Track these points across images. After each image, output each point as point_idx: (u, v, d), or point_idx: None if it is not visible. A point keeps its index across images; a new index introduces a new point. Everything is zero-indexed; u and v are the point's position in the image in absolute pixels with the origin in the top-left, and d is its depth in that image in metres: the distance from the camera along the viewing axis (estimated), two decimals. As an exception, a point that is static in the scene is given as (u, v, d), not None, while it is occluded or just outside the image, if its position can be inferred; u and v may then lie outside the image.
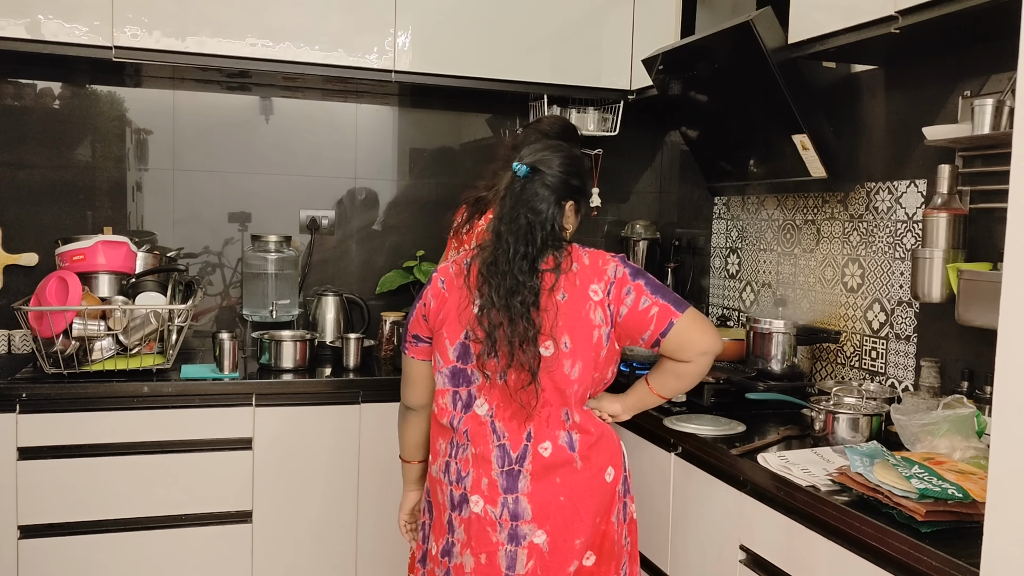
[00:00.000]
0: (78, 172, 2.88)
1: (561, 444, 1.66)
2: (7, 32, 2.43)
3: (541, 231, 1.66)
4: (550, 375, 1.63)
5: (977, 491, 1.39)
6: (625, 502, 1.76)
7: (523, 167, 1.70)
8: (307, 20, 2.68)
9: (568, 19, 2.94)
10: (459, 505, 1.68)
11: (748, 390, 2.23)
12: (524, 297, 1.61)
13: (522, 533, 1.64)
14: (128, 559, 2.41)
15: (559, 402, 1.65)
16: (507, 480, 1.65)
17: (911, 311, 2.17)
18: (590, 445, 1.68)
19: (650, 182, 3.47)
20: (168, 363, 2.55)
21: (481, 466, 1.66)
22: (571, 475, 1.66)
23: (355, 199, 3.18)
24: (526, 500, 1.64)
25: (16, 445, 2.30)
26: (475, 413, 1.68)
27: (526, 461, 1.65)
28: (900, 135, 2.21)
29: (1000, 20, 1.67)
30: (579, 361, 1.64)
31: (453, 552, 1.70)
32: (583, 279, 1.67)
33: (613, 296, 1.66)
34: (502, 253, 1.64)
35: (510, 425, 1.66)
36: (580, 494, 1.66)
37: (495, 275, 1.63)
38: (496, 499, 1.65)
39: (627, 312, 1.66)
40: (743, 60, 2.23)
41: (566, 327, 1.63)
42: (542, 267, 1.65)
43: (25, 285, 2.77)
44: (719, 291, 3.04)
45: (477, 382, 1.68)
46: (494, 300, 1.62)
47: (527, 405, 1.63)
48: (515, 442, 1.65)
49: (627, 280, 1.67)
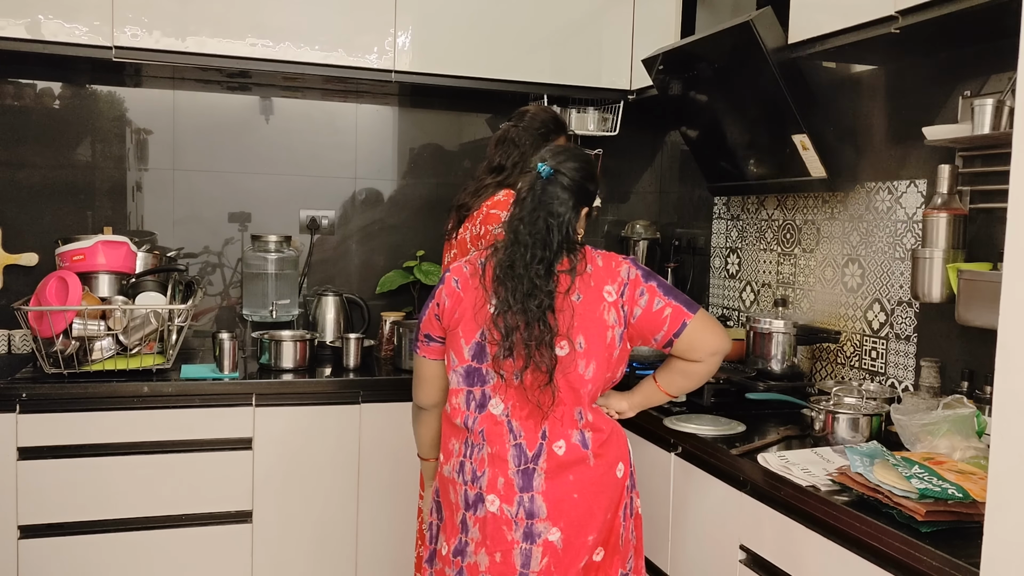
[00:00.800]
0: (78, 172, 2.88)
1: (575, 443, 1.67)
2: (7, 32, 2.43)
3: (558, 234, 1.67)
4: (565, 375, 1.64)
5: (977, 491, 1.39)
6: (632, 497, 1.78)
7: (547, 168, 1.71)
8: (307, 20, 2.68)
9: (568, 19, 2.94)
10: (474, 504, 1.69)
11: (748, 390, 2.23)
12: (540, 301, 1.62)
13: (537, 531, 1.65)
14: (128, 559, 2.41)
15: (573, 401, 1.67)
16: (523, 479, 1.66)
17: (911, 311, 2.17)
18: (602, 442, 1.69)
19: (650, 182, 3.47)
20: (168, 363, 2.55)
21: (497, 465, 1.67)
22: (584, 472, 1.67)
23: (355, 199, 3.18)
24: (541, 498, 1.66)
25: (16, 445, 2.30)
26: (490, 413, 1.68)
27: (541, 459, 1.66)
28: (900, 135, 2.21)
29: (1000, 20, 1.67)
30: (593, 361, 1.65)
31: (467, 551, 1.70)
32: (597, 280, 1.68)
33: (627, 297, 1.68)
34: (519, 256, 1.66)
35: (526, 424, 1.67)
36: (593, 490, 1.68)
37: (511, 278, 1.65)
38: (512, 498, 1.66)
39: (641, 313, 1.68)
40: (743, 60, 2.23)
41: (581, 328, 1.65)
42: (557, 269, 1.66)
43: (25, 285, 2.77)
44: (719, 291, 3.04)
45: (492, 382, 1.68)
46: (510, 302, 1.63)
47: (544, 405, 1.65)
48: (531, 441, 1.66)
49: (640, 282, 1.69)
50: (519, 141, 2.38)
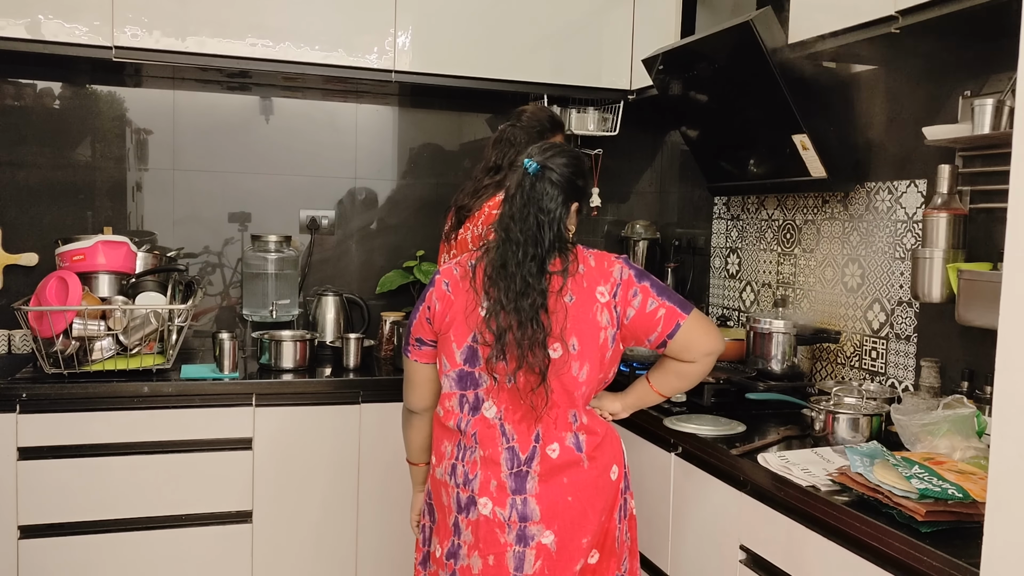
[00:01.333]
0: (78, 172, 2.88)
1: (568, 445, 1.66)
2: (7, 32, 2.43)
3: (549, 231, 1.64)
4: (558, 377, 1.63)
5: (977, 491, 1.39)
6: (626, 498, 1.77)
7: (534, 164, 1.68)
8: (307, 20, 2.68)
9: (568, 19, 2.94)
10: (466, 507, 1.67)
11: (748, 390, 2.23)
12: (534, 300, 1.60)
13: (530, 534, 1.64)
14: (128, 559, 2.41)
15: (567, 403, 1.66)
16: (515, 482, 1.65)
17: (911, 311, 2.17)
18: (596, 445, 1.68)
19: (650, 182, 3.47)
20: (168, 363, 2.55)
21: (489, 468, 1.65)
22: (578, 475, 1.66)
23: (355, 199, 3.18)
24: (534, 501, 1.64)
25: (16, 445, 2.30)
26: (483, 416, 1.67)
27: (534, 462, 1.65)
28: (900, 135, 2.21)
29: (1000, 20, 1.67)
30: (587, 363, 1.64)
31: (460, 554, 1.69)
32: (590, 281, 1.66)
33: (620, 298, 1.66)
34: (511, 255, 1.63)
35: (519, 427, 1.65)
36: (587, 493, 1.67)
37: (503, 277, 1.62)
38: (505, 501, 1.64)
39: (634, 314, 1.66)
40: (743, 60, 2.23)
41: (574, 329, 1.63)
42: (550, 268, 1.64)
43: (25, 285, 2.77)
44: (719, 291, 3.04)
45: (484, 385, 1.66)
46: (503, 302, 1.61)
47: (537, 407, 1.63)
48: (524, 444, 1.65)
49: (633, 282, 1.67)
50: (515, 140, 2.37)
